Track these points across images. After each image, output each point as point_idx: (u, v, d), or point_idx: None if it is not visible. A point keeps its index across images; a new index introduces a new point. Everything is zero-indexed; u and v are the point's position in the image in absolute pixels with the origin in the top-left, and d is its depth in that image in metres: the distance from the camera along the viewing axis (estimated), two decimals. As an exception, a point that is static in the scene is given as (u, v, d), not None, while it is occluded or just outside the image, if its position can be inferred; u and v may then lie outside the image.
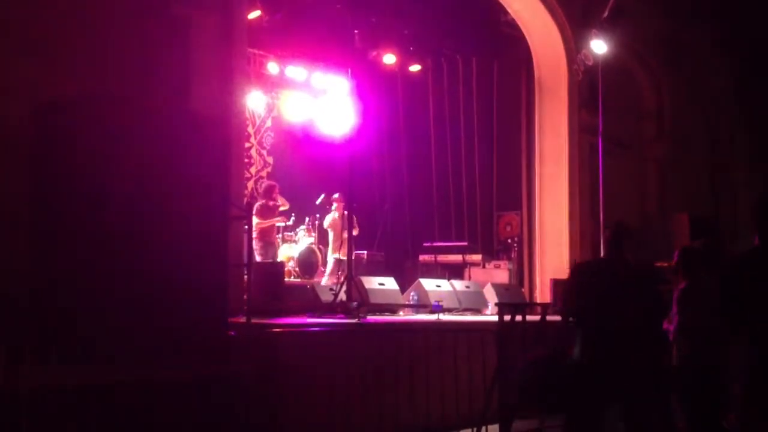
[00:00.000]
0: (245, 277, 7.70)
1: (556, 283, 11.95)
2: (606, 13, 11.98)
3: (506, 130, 14.59)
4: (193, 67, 8.50)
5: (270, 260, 11.47)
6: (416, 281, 10.93)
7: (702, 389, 6.02)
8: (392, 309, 9.91)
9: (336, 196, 12.90)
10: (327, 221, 12.90)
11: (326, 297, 9.09)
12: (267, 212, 11.77)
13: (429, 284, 10.63)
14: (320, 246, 12.91)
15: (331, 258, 12.79)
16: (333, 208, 12.89)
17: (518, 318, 7.19)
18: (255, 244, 11.29)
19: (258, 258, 11.19)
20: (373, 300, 9.53)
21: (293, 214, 12.98)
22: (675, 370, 6.18)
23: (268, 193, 12.01)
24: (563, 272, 12.78)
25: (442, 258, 12.99)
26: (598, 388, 5.28)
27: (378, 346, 6.78)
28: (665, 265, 6.19)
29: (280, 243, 12.59)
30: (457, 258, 13.17)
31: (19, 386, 5.02)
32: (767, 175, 15.52)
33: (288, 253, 12.59)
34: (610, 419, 5.45)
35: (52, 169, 6.20)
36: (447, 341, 7.24)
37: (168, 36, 8.31)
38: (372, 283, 9.93)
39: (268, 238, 11.87)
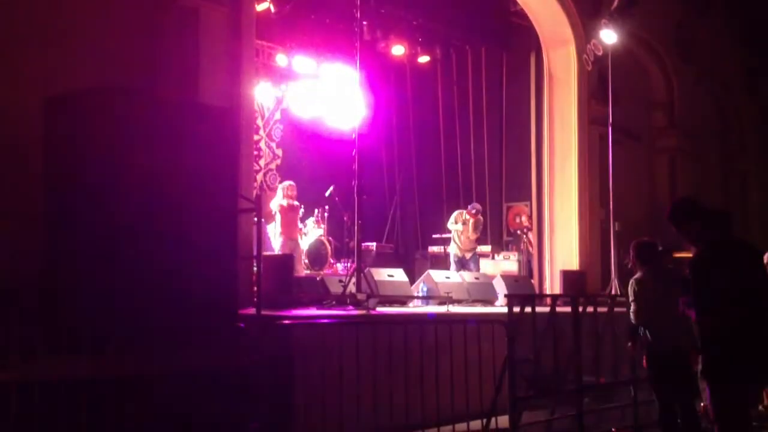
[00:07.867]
0: (255, 269, 7.70)
1: (566, 274, 11.93)
2: (616, 3, 11.92)
3: (515, 121, 14.56)
4: (202, 58, 8.50)
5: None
6: (426, 273, 10.93)
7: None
8: (402, 300, 9.91)
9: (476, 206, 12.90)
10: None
11: (336, 289, 9.10)
12: (290, 211, 11.98)
13: (438, 276, 10.62)
14: (329, 238, 12.90)
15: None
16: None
17: (528, 309, 7.19)
18: (280, 240, 11.68)
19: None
20: (383, 291, 9.54)
21: (302, 207, 12.99)
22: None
23: (289, 192, 12.12)
24: (573, 263, 12.78)
25: (452, 249, 12.95)
26: None
27: (388, 337, 6.77)
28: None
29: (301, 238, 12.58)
30: (466, 249, 13.15)
31: (31, 378, 5.05)
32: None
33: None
34: None
35: (64, 162, 6.21)
36: (457, 333, 7.22)
37: (177, 28, 8.32)
38: (381, 274, 9.93)
39: (291, 234, 11.94)
